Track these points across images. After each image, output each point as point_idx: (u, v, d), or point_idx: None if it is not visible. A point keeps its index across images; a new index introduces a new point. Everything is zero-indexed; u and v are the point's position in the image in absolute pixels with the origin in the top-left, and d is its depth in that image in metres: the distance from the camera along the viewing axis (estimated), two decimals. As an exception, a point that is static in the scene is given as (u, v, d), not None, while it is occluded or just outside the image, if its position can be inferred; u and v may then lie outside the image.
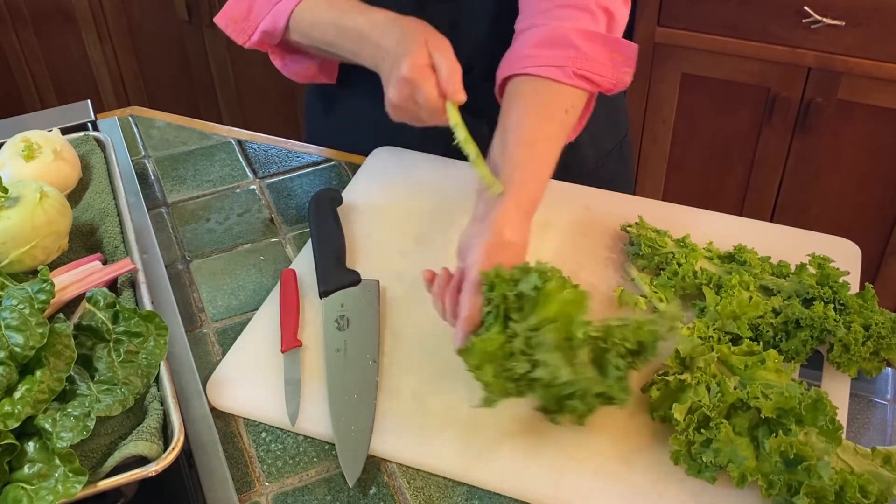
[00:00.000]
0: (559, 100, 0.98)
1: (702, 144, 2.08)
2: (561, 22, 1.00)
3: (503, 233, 0.88)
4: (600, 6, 1.00)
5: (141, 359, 0.81)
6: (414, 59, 0.93)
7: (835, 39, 1.81)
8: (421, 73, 0.92)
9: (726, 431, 0.77)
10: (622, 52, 1.02)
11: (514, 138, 0.94)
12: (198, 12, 2.35)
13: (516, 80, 1.00)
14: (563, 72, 0.97)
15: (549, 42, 0.98)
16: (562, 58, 0.98)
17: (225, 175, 1.21)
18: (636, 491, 0.80)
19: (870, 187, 1.97)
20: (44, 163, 1.03)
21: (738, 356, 0.84)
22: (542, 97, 0.98)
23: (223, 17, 1.13)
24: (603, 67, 1.00)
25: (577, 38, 0.99)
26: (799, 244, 1.03)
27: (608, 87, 1.02)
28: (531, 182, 0.93)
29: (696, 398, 0.80)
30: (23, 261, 0.92)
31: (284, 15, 1.06)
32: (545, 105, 0.98)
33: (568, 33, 0.98)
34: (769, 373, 0.82)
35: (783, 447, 0.76)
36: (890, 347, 0.87)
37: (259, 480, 0.84)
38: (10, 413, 0.72)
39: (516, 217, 0.90)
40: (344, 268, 1.01)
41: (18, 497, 0.70)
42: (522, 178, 0.92)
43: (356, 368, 0.90)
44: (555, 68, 0.97)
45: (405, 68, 0.93)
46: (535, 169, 0.94)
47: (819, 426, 0.77)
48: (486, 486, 0.82)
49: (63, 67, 2.55)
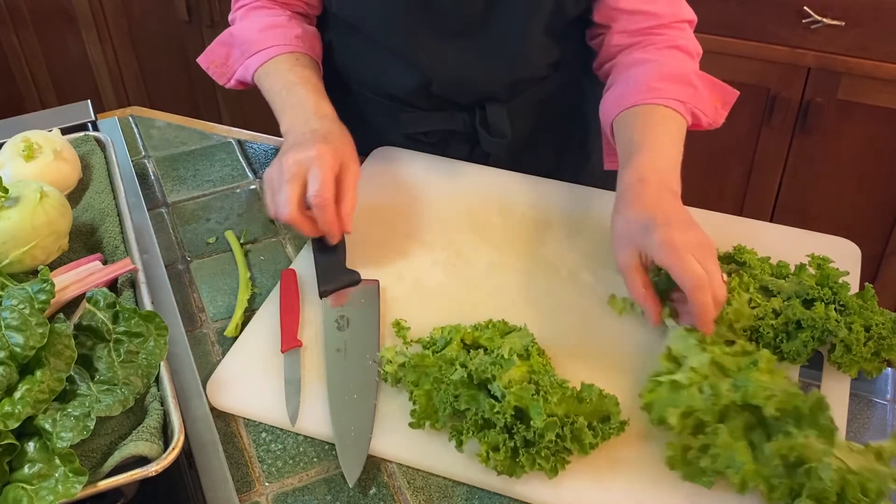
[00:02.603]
0: (682, 130, 1.05)
1: (702, 144, 2.08)
2: (670, 58, 1.08)
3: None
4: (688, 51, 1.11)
5: (141, 359, 0.81)
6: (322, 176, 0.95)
7: (835, 39, 1.81)
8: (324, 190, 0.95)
9: (724, 436, 0.77)
10: (725, 96, 1.12)
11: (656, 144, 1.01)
12: (198, 12, 2.35)
13: (642, 107, 1.04)
14: (685, 107, 1.04)
15: (674, 78, 1.06)
16: (683, 94, 1.05)
17: (225, 175, 1.21)
18: (636, 492, 0.80)
19: (870, 187, 1.97)
20: (44, 163, 1.03)
21: (731, 357, 0.84)
22: (671, 124, 1.04)
23: (205, 59, 1.21)
24: (708, 107, 1.08)
25: (696, 78, 1.08)
26: (799, 244, 1.03)
27: (706, 125, 1.09)
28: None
29: (690, 402, 0.80)
30: (23, 261, 0.92)
31: (250, 72, 1.13)
32: (677, 131, 1.04)
33: (688, 73, 1.08)
34: (762, 374, 0.82)
35: (784, 450, 0.76)
36: (890, 348, 0.87)
37: (259, 480, 0.84)
38: (10, 413, 0.72)
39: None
40: (344, 268, 1.01)
41: (18, 497, 0.70)
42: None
43: (356, 368, 0.90)
44: (678, 102, 1.04)
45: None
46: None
47: (819, 427, 0.77)
48: (486, 486, 0.82)
49: (63, 67, 2.54)
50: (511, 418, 0.79)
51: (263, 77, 1.11)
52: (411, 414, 0.84)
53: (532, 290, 1.00)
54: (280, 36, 1.13)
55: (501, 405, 0.79)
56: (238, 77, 1.16)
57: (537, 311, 0.97)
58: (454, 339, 0.88)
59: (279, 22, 1.14)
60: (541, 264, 1.03)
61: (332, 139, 1.00)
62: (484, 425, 0.80)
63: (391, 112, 1.22)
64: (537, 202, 1.12)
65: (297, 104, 1.06)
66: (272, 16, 1.15)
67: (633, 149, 0.99)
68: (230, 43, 1.18)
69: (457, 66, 1.14)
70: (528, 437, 0.78)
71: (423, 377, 0.85)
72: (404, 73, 1.17)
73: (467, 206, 1.12)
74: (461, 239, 1.07)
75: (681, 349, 0.86)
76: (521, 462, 0.78)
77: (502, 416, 0.79)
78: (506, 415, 0.78)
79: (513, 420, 0.79)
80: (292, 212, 0.95)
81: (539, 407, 0.78)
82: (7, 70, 2.52)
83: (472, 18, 1.09)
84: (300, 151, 0.97)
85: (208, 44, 1.21)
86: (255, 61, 1.12)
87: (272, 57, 1.11)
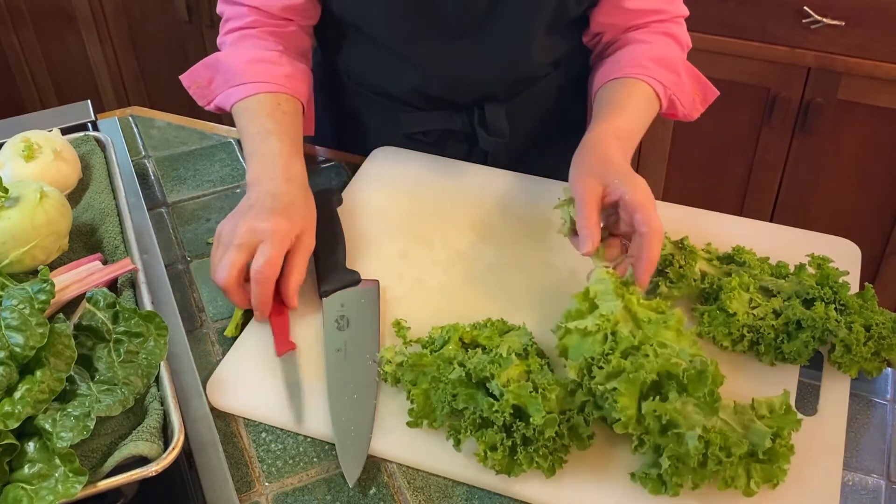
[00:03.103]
0: (653, 110, 1.10)
1: (702, 144, 2.08)
2: (661, 44, 1.13)
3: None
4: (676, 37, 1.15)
5: (141, 359, 0.81)
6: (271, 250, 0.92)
7: (835, 39, 1.81)
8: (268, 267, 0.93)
9: (622, 385, 0.79)
10: (706, 93, 1.17)
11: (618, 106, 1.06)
12: (198, 12, 2.35)
13: (626, 79, 1.09)
14: (665, 91, 1.09)
15: (662, 62, 1.10)
16: (666, 79, 1.10)
17: (225, 175, 1.21)
18: (635, 491, 0.80)
19: (870, 187, 1.97)
20: (44, 163, 1.03)
21: (644, 309, 0.85)
22: (646, 102, 1.08)
23: (187, 79, 1.17)
24: (686, 98, 1.13)
25: (682, 67, 1.13)
26: (799, 244, 1.03)
27: (681, 115, 1.14)
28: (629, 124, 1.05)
29: (592, 350, 0.82)
30: (23, 261, 0.92)
31: (230, 102, 1.09)
32: (647, 109, 1.09)
33: (676, 61, 1.12)
34: (670, 331, 0.83)
35: (658, 411, 0.77)
36: (891, 348, 0.87)
37: (259, 480, 0.84)
38: (10, 413, 0.72)
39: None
40: (344, 268, 1.01)
41: (18, 497, 0.70)
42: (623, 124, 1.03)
43: (356, 368, 0.90)
44: (660, 85, 1.08)
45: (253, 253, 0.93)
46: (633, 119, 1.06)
47: (697, 397, 0.78)
48: (486, 486, 0.82)
49: (63, 67, 2.55)
50: (510, 416, 0.79)
51: (242, 113, 1.07)
52: (409, 413, 0.84)
53: (532, 290, 1.00)
54: (267, 73, 1.09)
55: (500, 403, 0.79)
56: (217, 103, 1.12)
57: (537, 311, 0.97)
58: (452, 339, 0.88)
59: (269, 57, 1.10)
60: (541, 264, 1.03)
61: (293, 212, 0.97)
62: (482, 424, 0.81)
63: (390, 111, 1.22)
64: (537, 202, 1.12)
65: (268, 156, 1.02)
66: (263, 49, 1.11)
67: (607, 111, 1.05)
68: (215, 67, 1.12)
69: (457, 66, 1.14)
70: (527, 434, 0.78)
71: (421, 376, 0.85)
72: (403, 73, 1.17)
73: (467, 206, 1.12)
74: (461, 239, 1.07)
75: (599, 291, 0.87)
76: (520, 460, 0.78)
77: (501, 415, 0.79)
78: (504, 413, 0.79)
79: (511, 418, 0.79)
80: (229, 279, 0.92)
81: (538, 404, 0.78)
82: (7, 70, 2.52)
83: (474, 17, 1.09)
84: (257, 220, 0.94)
85: (208, 44, 1.21)
86: (236, 94, 1.08)
87: (254, 94, 1.07)
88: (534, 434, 0.78)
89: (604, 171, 0.95)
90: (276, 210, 0.95)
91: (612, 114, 1.04)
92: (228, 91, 1.10)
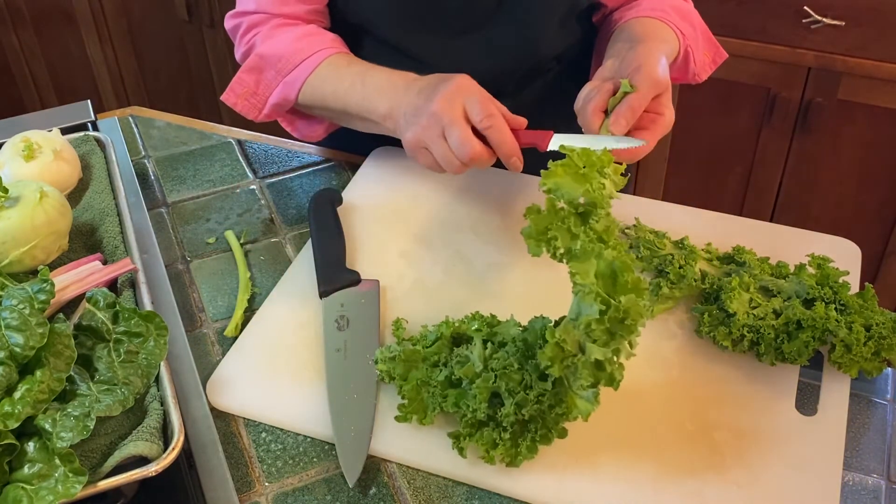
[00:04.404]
0: (675, 50, 1.07)
1: (702, 144, 2.08)
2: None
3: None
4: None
5: (141, 359, 0.81)
6: (448, 103, 0.92)
7: (835, 39, 1.81)
8: (456, 115, 0.92)
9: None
10: (716, 54, 1.17)
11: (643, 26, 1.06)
12: (198, 12, 2.35)
13: (649, 19, 1.08)
14: (683, 39, 1.08)
15: (680, 12, 1.10)
16: (685, 29, 1.09)
17: (225, 175, 1.21)
18: (636, 491, 0.80)
19: (870, 187, 1.97)
20: (44, 163, 1.03)
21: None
22: (670, 38, 1.06)
23: (230, 95, 1.12)
24: (699, 54, 1.13)
25: (699, 24, 1.13)
26: (799, 244, 1.03)
27: (691, 74, 1.13)
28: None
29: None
30: (23, 261, 0.92)
31: (297, 86, 1.06)
32: (671, 46, 1.06)
33: (692, 15, 1.12)
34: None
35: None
36: (891, 348, 0.87)
37: (259, 480, 0.84)
38: (10, 413, 0.72)
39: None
40: (344, 268, 1.01)
41: (18, 497, 0.70)
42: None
43: (356, 368, 0.90)
44: (679, 33, 1.07)
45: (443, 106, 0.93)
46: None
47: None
48: (486, 485, 0.82)
49: (63, 67, 2.55)
50: (488, 408, 0.79)
51: (319, 83, 1.04)
52: (399, 408, 0.84)
53: (532, 290, 1.00)
54: (318, 43, 1.07)
55: (475, 401, 0.80)
56: (275, 100, 1.09)
57: (537, 311, 0.97)
58: (444, 335, 0.88)
59: (312, 30, 1.10)
60: (541, 264, 1.03)
61: (450, 75, 0.96)
62: (477, 425, 0.81)
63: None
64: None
65: (385, 81, 0.99)
66: (301, 27, 1.10)
67: (636, 40, 1.02)
68: (260, 67, 1.10)
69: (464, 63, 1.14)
70: (519, 402, 0.78)
71: (413, 371, 0.85)
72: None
73: (467, 206, 1.12)
74: (461, 239, 1.07)
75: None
76: (522, 451, 0.79)
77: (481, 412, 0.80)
78: (480, 406, 0.79)
79: (491, 409, 0.80)
80: (474, 147, 0.89)
81: (512, 381, 0.79)
82: (7, 70, 2.52)
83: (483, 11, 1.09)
84: (441, 93, 0.91)
85: (208, 44, 1.21)
86: (302, 71, 1.05)
87: (320, 62, 1.05)
88: (516, 411, 0.78)
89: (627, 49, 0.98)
90: (441, 79, 0.95)
91: (639, 41, 1.01)
92: (287, 79, 1.07)
